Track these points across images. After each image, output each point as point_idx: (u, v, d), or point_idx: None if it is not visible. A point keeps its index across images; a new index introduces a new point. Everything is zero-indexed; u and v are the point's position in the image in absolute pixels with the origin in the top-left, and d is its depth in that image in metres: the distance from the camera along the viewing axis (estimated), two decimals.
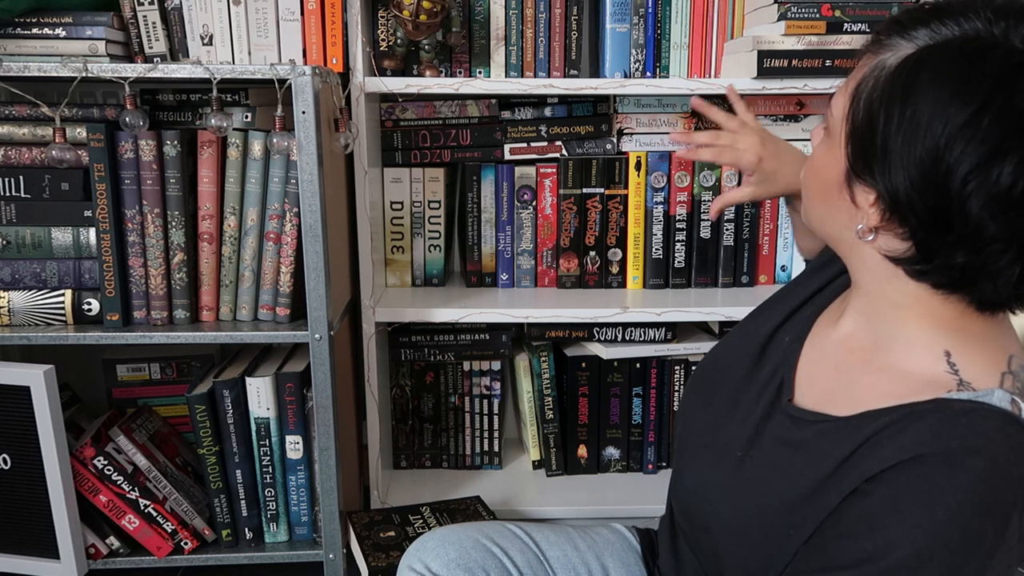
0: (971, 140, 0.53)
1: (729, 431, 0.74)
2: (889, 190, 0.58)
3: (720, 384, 0.80)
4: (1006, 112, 0.53)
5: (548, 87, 1.28)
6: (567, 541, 0.94)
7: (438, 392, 1.49)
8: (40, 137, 1.15)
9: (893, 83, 0.58)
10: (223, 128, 1.09)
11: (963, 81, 0.54)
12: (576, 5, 1.34)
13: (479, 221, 1.42)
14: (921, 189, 0.56)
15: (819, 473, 0.62)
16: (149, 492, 1.20)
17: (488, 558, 0.89)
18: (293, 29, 1.24)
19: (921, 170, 0.56)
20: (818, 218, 0.69)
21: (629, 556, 0.94)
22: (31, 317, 1.17)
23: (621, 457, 1.49)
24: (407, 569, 0.89)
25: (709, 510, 0.73)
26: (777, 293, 0.87)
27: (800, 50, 1.21)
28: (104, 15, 1.15)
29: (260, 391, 1.19)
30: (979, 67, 0.54)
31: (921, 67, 0.56)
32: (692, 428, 0.81)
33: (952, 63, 0.55)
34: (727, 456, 0.72)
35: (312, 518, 1.26)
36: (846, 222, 0.64)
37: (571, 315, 1.31)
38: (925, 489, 0.55)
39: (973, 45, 0.55)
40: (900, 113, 0.56)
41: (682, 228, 1.42)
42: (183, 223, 1.15)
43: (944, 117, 0.54)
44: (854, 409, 0.63)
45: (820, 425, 0.65)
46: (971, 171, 0.54)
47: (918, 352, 0.63)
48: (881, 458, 0.58)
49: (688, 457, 0.79)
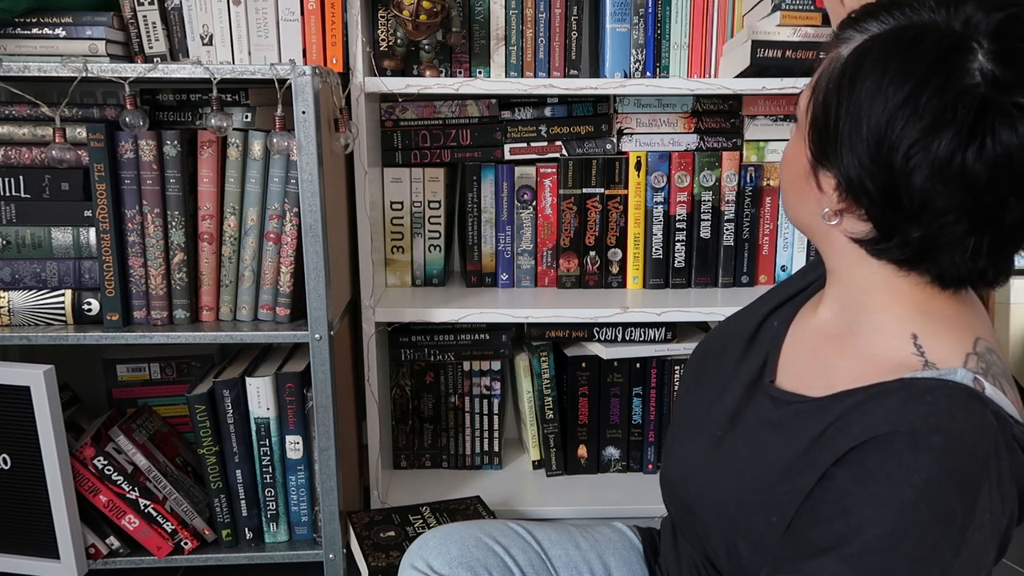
0: (910, 117, 0.56)
1: (716, 412, 0.76)
2: (843, 172, 0.61)
3: (713, 365, 0.82)
4: (942, 90, 0.55)
5: (548, 87, 1.28)
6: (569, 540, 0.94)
7: (438, 392, 1.49)
8: (40, 137, 1.15)
9: (843, 72, 0.61)
10: (223, 128, 1.09)
11: (902, 63, 0.57)
12: (576, 5, 1.34)
13: (479, 221, 1.42)
14: (870, 169, 0.59)
15: (793, 451, 0.64)
16: (149, 492, 1.20)
17: (490, 556, 0.89)
18: (293, 29, 1.24)
19: (868, 150, 0.59)
20: (791, 207, 0.72)
21: (631, 555, 0.95)
22: (31, 317, 1.17)
23: (621, 457, 1.49)
24: (409, 567, 0.89)
25: (691, 490, 0.74)
26: (780, 282, 0.89)
27: (794, 41, 1.21)
28: (104, 15, 1.15)
29: (260, 391, 1.19)
30: (917, 50, 0.57)
31: (866, 54, 0.60)
32: (682, 407, 0.83)
33: (892, 48, 0.59)
34: (711, 436, 0.74)
35: (312, 518, 1.26)
36: (814, 209, 0.67)
37: (571, 315, 1.31)
38: (892, 469, 0.56)
39: (913, 31, 0.59)
40: (848, 98, 0.60)
41: (682, 228, 1.42)
42: (183, 223, 1.15)
43: (884, 98, 0.57)
44: (829, 391, 0.65)
45: (796, 405, 0.67)
46: (912, 145, 0.56)
47: (887, 336, 0.65)
48: (849, 436, 0.59)
49: (675, 436, 0.81)
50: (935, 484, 0.55)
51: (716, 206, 1.42)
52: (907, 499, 0.55)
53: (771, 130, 1.42)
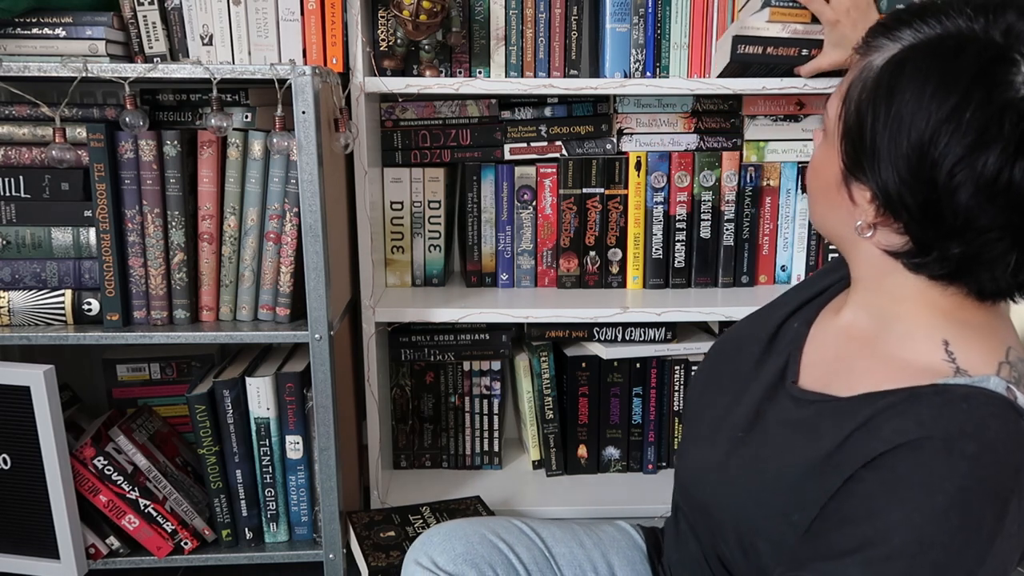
0: (954, 133, 0.55)
1: (735, 414, 0.75)
2: (881, 187, 0.60)
3: (729, 366, 0.81)
4: (986, 104, 0.54)
5: (548, 87, 1.28)
6: (573, 538, 0.94)
7: (438, 392, 1.49)
8: (40, 137, 1.15)
9: (878, 83, 0.60)
10: (223, 128, 1.09)
11: (943, 76, 0.56)
12: (576, 5, 1.34)
13: (479, 221, 1.42)
14: (910, 184, 0.58)
15: (818, 452, 0.63)
16: (149, 492, 1.20)
17: (494, 554, 0.89)
18: (293, 29, 1.24)
19: (908, 165, 0.57)
20: (820, 216, 0.71)
21: (634, 554, 0.95)
22: (31, 317, 1.17)
23: (621, 457, 1.49)
24: (413, 563, 0.90)
25: (708, 490, 0.73)
26: (797, 284, 0.88)
27: (776, 37, 1.20)
28: (104, 15, 1.15)
29: (260, 391, 1.19)
30: (958, 62, 0.56)
31: (903, 66, 0.58)
32: (697, 408, 0.82)
33: (932, 60, 0.57)
34: (731, 438, 0.73)
35: (312, 518, 1.26)
36: (845, 219, 0.66)
37: (571, 315, 1.31)
38: (924, 474, 0.56)
39: (952, 42, 0.57)
40: (886, 111, 0.59)
41: (682, 228, 1.42)
42: (183, 223, 1.15)
43: (926, 113, 0.56)
44: (852, 392, 0.64)
45: (820, 405, 0.66)
46: (957, 163, 0.55)
47: (917, 341, 0.64)
48: (881, 439, 0.58)
49: (691, 437, 0.80)
50: (967, 492, 0.54)
51: (716, 206, 1.42)
52: (938, 506, 0.54)
53: (771, 130, 1.42)
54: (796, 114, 1.41)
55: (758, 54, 1.20)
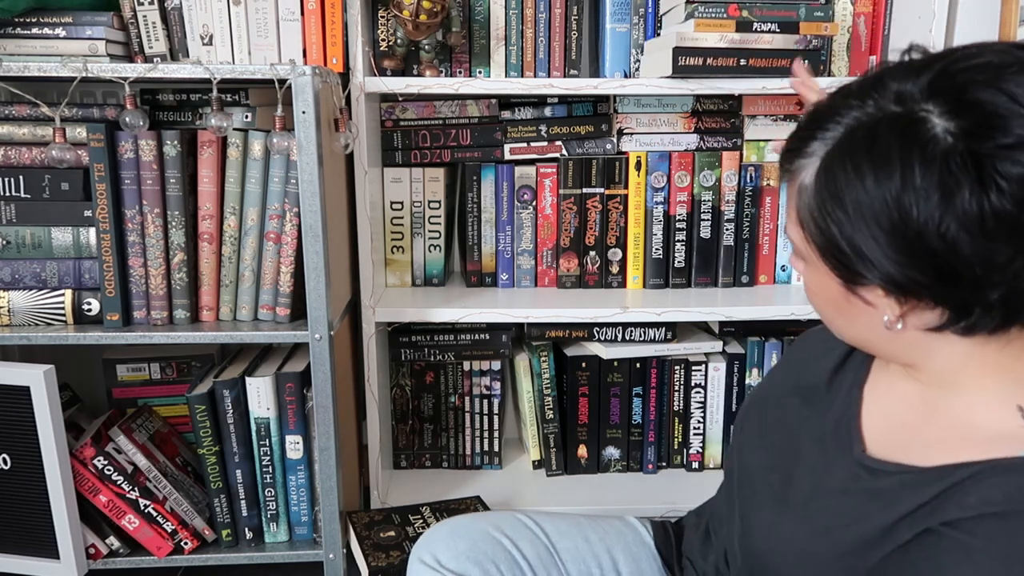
0: (919, 200, 0.55)
1: (796, 480, 0.74)
2: (887, 279, 0.59)
3: (774, 425, 0.80)
4: (928, 162, 0.55)
5: (548, 87, 1.28)
6: (578, 533, 0.95)
7: (438, 392, 1.49)
8: (40, 137, 1.15)
9: (820, 196, 0.60)
10: (223, 128, 1.09)
11: (873, 161, 0.57)
12: (576, 5, 1.34)
13: (479, 221, 1.42)
14: (912, 263, 0.57)
15: (894, 515, 0.63)
16: (149, 492, 1.20)
17: (498, 550, 0.89)
18: (293, 29, 1.24)
19: (898, 247, 0.57)
20: (842, 329, 0.70)
21: (640, 550, 0.95)
22: (31, 317, 1.17)
23: (621, 457, 1.49)
24: (417, 561, 0.90)
25: (778, 560, 0.72)
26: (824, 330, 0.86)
27: (713, 48, 1.20)
28: (104, 15, 1.15)
29: (260, 391, 1.19)
30: (878, 144, 0.57)
31: (834, 170, 0.59)
32: (751, 470, 0.81)
33: (856, 153, 0.58)
34: (797, 506, 0.72)
35: (312, 518, 1.26)
36: (870, 324, 0.65)
37: (571, 315, 1.31)
38: (1005, 545, 0.55)
39: (862, 131, 0.58)
40: (844, 213, 0.59)
41: (682, 228, 1.42)
42: (183, 223, 1.15)
43: (882, 195, 0.56)
44: (928, 460, 0.63)
45: (900, 476, 0.65)
46: (939, 223, 0.55)
47: (989, 408, 0.63)
48: (963, 506, 0.58)
49: (752, 505, 0.79)
50: None
51: (716, 206, 1.42)
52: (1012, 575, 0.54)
53: (771, 130, 1.42)
54: (796, 114, 1.41)
55: (699, 65, 1.20)
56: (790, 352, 0.89)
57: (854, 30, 1.38)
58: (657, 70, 1.27)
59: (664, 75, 1.24)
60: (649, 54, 1.32)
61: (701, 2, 1.20)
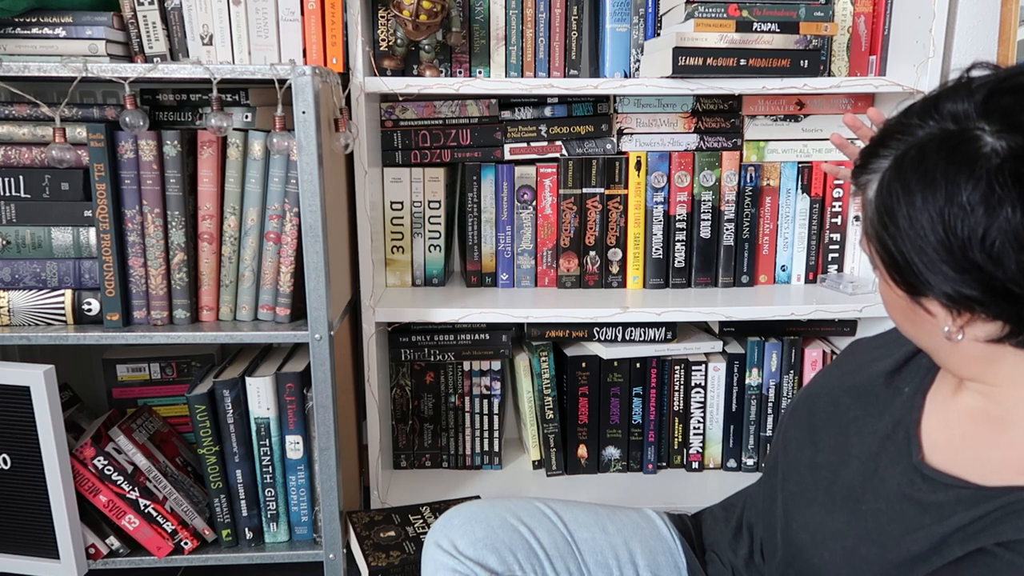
0: (963, 215, 0.57)
1: (846, 478, 0.74)
2: (942, 293, 0.61)
3: (826, 423, 0.81)
4: (975, 179, 0.57)
5: (548, 87, 1.28)
6: (596, 523, 0.95)
7: (438, 392, 1.49)
8: (40, 137, 1.15)
9: (879, 211, 0.63)
10: (223, 128, 1.09)
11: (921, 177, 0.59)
12: (576, 5, 1.34)
13: (479, 221, 1.42)
14: (962, 278, 0.59)
15: (947, 529, 0.63)
16: (149, 492, 1.20)
17: (515, 538, 0.89)
18: (293, 29, 1.24)
19: (947, 263, 0.59)
20: (913, 336, 0.72)
21: (656, 544, 0.95)
22: (31, 317, 1.17)
23: (621, 457, 1.49)
24: (433, 546, 0.90)
25: (825, 556, 0.73)
26: (887, 335, 0.87)
27: (713, 48, 1.20)
28: (104, 15, 1.15)
29: (260, 391, 1.19)
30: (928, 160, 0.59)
31: (890, 185, 0.62)
32: (797, 465, 0.81)
33: (909, 168, 0.61)
34: (847, 504, 0.73)
35: (312, 518, 1.26)
36: (932, 331, 0.67)
37: (571, 315, 1.31)
38: None
39: (914, 151, 0.61)
40: (897, 230, 0.62)
41: (682, 228, 1.42)
42: (183, 223, 1.15)
43: (927, 212, 0.59)
44: (987, 479, 0.64)
45: (959, 491, 0.65)
46: (983, 238, 0.57)
47: None
48: (1019, 528, 0.59)
49: (800, 501, 0.79)
50: None
51: (716, 206, 1.42)
52: None
53: (771, 130, 1.42)
54: (796, 114, 1.41)
55: (699, 65, 1.20)
56: (842, 356, 0.90)
57: (854, 30, 1.38)
58: (657, 70, 1.27)
59: (664, 75, 1.24)
60: (649, 54, 1.32)
61: (701, 2, 1.20)
